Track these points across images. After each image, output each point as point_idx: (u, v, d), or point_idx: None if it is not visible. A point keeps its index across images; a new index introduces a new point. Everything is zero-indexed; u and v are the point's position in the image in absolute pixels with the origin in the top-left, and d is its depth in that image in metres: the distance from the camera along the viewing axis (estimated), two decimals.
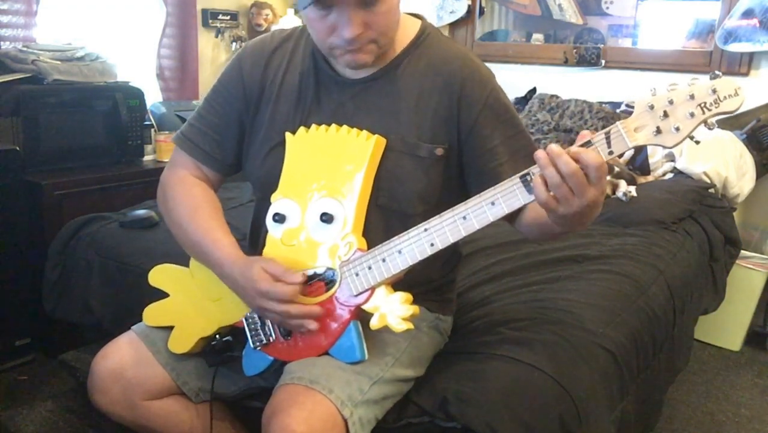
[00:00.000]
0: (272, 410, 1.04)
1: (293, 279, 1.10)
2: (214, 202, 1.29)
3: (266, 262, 1.12)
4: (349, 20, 1.06)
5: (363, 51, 1.11)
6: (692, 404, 2.18)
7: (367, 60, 1.13)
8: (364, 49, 1.11)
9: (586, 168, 0.93)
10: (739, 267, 2.53)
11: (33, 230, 2.18)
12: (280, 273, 1.10)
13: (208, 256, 1.19)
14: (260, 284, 1.09)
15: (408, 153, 1.18)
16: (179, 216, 1.25)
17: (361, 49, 1.11)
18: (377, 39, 1.11)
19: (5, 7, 2.52)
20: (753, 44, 2.67)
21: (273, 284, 1.09)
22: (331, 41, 1.10)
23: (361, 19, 1.06)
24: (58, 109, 2.36)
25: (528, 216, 1.16)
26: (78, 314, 1.97)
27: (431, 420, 1.21)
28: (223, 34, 3.43)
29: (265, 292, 1.09)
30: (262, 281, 1.09)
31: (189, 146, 1.30)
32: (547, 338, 1.34)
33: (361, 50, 1.11)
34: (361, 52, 1.11)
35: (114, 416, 1.26)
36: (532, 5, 3.96)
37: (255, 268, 1.10)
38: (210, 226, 1.22)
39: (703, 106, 0.92)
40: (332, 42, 1.10)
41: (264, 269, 1.10)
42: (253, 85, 1.26)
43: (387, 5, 1.08)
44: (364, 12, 1.06)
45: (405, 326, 1.05)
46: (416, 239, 1.05)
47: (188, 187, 1.28)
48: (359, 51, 1.11)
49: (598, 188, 0.95)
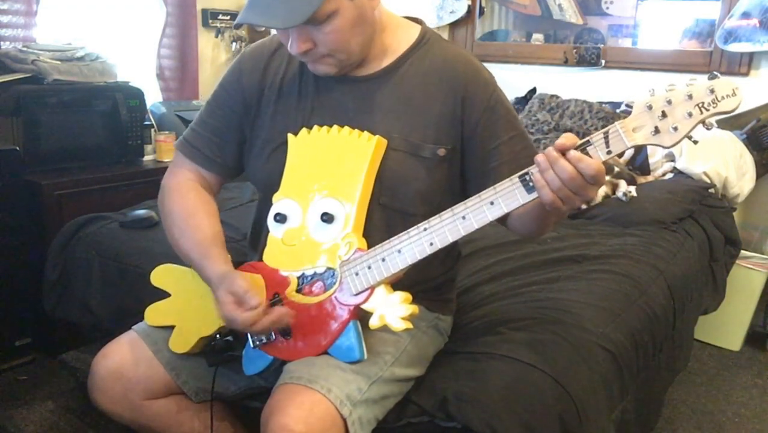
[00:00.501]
0: (271, 409, 1.05)
1: (252, 303, 1.10)
2: (209, 208, 1.29)
3: (231, 282, 1.12)
4: (291, 37, 1.10)
5: (321, 63, 1.14)
6: (692, 404, 2.18)
7: (328, 70, 1.16)
8: (321, 61, 1.14)
9: (584, 174, 0.95)
10: (739, 267, 2.53)
11: (33, 230, 2.18)
12: (241, 294, 1.10)
13: (198, 270, 1.21)
14: (225, 308, 1.11)
15: (411, 153, 1.18)
16: (172, 224, 1.26)
17: (318, 61, 1.14)
18: (332, 54, 1.12)
19: (5, 7, 2.52)
20: (753, 44, 2.67)
21: (235, 310, 1.10)
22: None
23: (306, 36, 1.09)
24: (58, 109, 2.37)
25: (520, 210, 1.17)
26: (78, 313, 1.97)
27: (431, 420, 1.21)
28: (223, 34, 3.43)
29: (228, 318, 1.11)
30: (226, 305, 1.11)
31: (190, 150, 1.31)
32: (547, 338, 1.34)
33: (318, 62, 1.14)
34: (319, 64, 1.14)
35: (114, 415, 1.26)
36: (532, 5, 3.96)
37: (221, 291, 1.12)
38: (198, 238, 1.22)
39: (701, 106, 0.93)
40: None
41: (228, 291, 1.11)
42: (252, 88, 1.27)
43: (333, 26, 1.08)
44: (311, 28, 1.08)
45: (404, 325, 1.05)
46: (416, 238, 1.05)
47: (184, 192, 1.29)
48: (317, 62, 1.14)
49: (598, 187, 0.98)
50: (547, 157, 0.96)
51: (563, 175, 0.95)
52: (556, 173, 0.96)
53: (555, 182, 0.96)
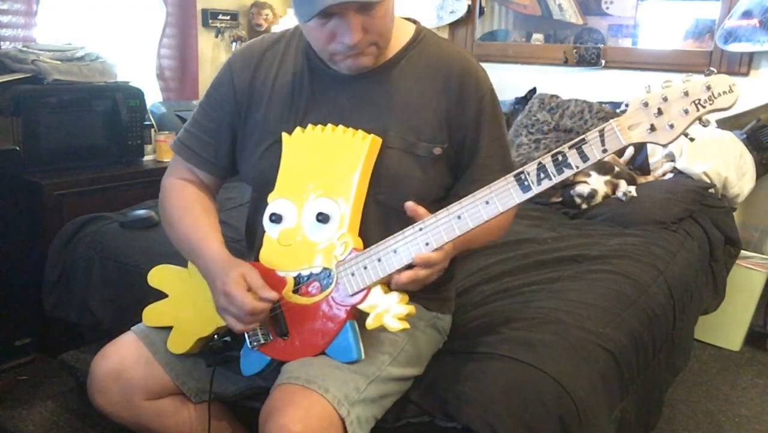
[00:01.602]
0: (269, 409, 1.05)
1: (268, 295, 1.10)
2: (206, 203, 1.30)
3: (250, 270, 1.13)
4: (350, 27, 1.06)
5: (364, 54, 1.13)
6: (692, 404, 2.18)
7: (368, 63, 1.14)
8: (365, 52, 1.12)
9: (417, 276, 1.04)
10: (739, 267, 2.53)
11: (33, 230, 2.18)
12: (255, 286, 1.10)
13: (194, 251, 1.20)
14: (230, 286, 1.10)
15: (407, 151, 1.18)
16: (170, 215, 1.27)
17: (363, 53, 1.12)
18: (377, 41, 1.12)
19: (5, 7, 2.52)
20: (753, 44, 2.66)
21: (241, 291, 1.09)
22: (332, 48, 1.11)
23: (360, 24, 1.07)
24: (58, 109, 2.36)
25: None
26: (78, 314, 1.97)
27: (431, 420, 1.21)
28: (223, 34, 3.43)
29: (228, 293, 1.10)
30: (234, 285, 1.10)
31: (185, 152, 1.31)
32: (547, 338, 1.34)
33: (362, 54, 1.12)
34: (362, 56, 1.13)
35: (113, 416, 1.26)
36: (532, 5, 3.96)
37: (236, 271, 1.12)
38: (198, 222, 1.23)
39: (698, 103, 0.92)
40: (333, 48, 1.11)
41: (244, 276, 1.11)
42: (243, 88, 1.27)
43: (384, 8, 1.09)
44: (363, 17, 1.07)
45: (401, 325, 1.05)
46: (411, 238, 1.05)
47: (181, 188, 1.30)
48: (360, 55, 1.12)
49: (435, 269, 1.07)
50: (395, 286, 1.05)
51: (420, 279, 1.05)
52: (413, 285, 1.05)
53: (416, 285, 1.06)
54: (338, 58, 1.13)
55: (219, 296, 1.13)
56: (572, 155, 0.98)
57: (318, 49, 1.16)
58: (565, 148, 0.98)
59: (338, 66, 1.16)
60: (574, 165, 0.98)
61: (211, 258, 1.17)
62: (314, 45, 1.16)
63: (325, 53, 1.14)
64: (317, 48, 1.15)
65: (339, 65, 1.15)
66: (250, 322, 1.12)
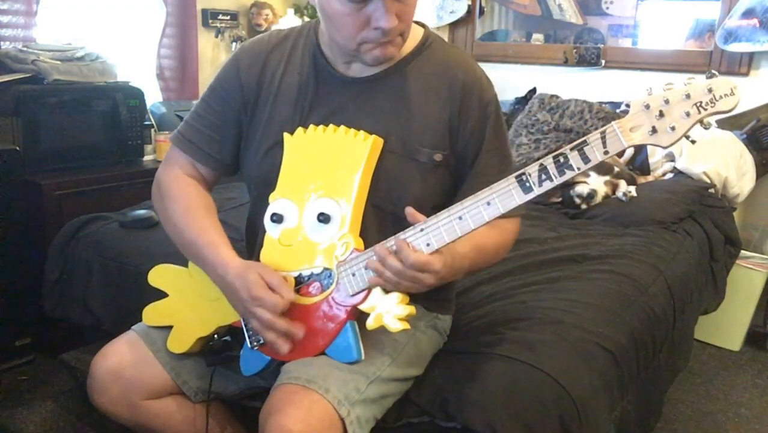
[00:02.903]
0: (269, 409, 1.05)
1: (288, 293, 1.10)
2: (209, 203, 1.29)
3: (264, 269, 1.12)
4: (388, 10, 1.06)
5: (392, 44, 1.12)
6: (692, 404, 2.18)
7: (394, 53, 1.14)
8: (394, 41, 1.12)
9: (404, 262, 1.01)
10: (739, 267, 2.53)
11: (33, 230, 2.18)
12: (276, 284, 1.10)
13: (202, 257, 1.19)
14: (255, 289, 1.09)
15: (408, 156, 1.18)
16: (174, 214, 1.25)
17: (392, 42, 1.11)
18: (404, 31, 1.13)
19: (5, 7, 2.52)
20: (753, 44, 2.66)
21: (268, 291, 1.09)
22: (363, 35, 1.10)
23: (395, 10, 1.07)
24: (58, 109, 2.36)
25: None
26: (78, 314, 1.97)
27: (431, 420, 1.21)
28: (223, 34, 3.43)
29: (257, 297, 1.09)
30: (257, 287, 1.09)
31: (187, 146, 1.30)
32: (547, 338, 1.34)
33: (391, 43, 1.11)
34: (390, 45, 1.12)
35: (114, 415, 1.26)
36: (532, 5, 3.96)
37: (252, 273, 1.11)
38: (204, 226, 1.22)
39: (699, 106, 0.92)
40: (364, 36, 1.10)
41: (261, 276, 1.10)
42: (250, 85, 1.26)
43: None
44: (398, 3, 1.07)
45: (401, 326, 1.05)
46: (412, 239, 1.05)
47: (183, 186, 1.28)
48: (389, 44, 1.11)
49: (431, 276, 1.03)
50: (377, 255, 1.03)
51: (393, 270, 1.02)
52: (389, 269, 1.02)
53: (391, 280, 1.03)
54: (367, 48, 1.11)
55: (245, 302, 1.10)
56: (574, 157, 0.98)
57: (346, 38, 1.12)
58: (566, 150, 0.98)
59: (364, 57, 1.13)
60: (576, 166, 0.98)
61: (222, 264, 1.15)
62: (343, 33, 1.12)
63: (353, 42, 1.11)
64: (346, 36, 1.12)
65: (366, 56, 1.13)
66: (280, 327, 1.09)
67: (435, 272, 1.03)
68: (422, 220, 1.04)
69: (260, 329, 1.11)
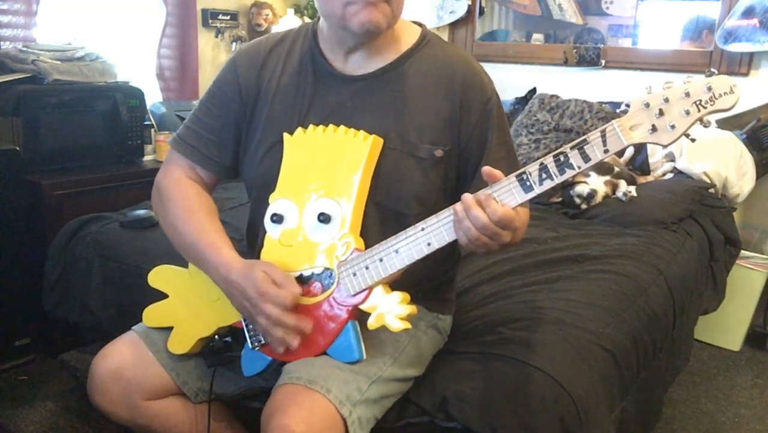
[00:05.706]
0: (271, 410, 1.05)
1: (295, 288, 1.10)
2: (210, 205, 1.29)
3: (268, 266, 1.12)
4: None
5: (378, 9, 1.10)
6: (692, 404, 2.18)
7: (380, 21, 1.11)
8: (379, 6, 1.10)
9: (491, 218, 0.99)
10: (739, 267, 2.53)
11: (33, 230, 2.18)
12: (281, 280, 1.09)
13: (203, 258, 1.18)
14: (263, 286, 1.08)
15: (408, 153, 1.18)
16: (174, 217, 1.25)
17: (377, 6, 1.10)
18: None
19: (5, 7, 2.52)
20: (753, 44, 2.66)
21: (274, 287, 1.08)
22: None
23: None
24: (58, 109, 2.36)
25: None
26: (78, 314, 1.97)
27: (431, 420, 1.21)
28: (223, 34, 3.43)
29: (265, 292, 1.08)
30: (264, 283, 1.08)
31: (187, 149, 1.30)
32: (547, 338, 1.34)
33: (376, 7, 1.09)
34: (375, 9, 1.10)
35: (114, 416, 1.26)
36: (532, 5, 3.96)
37: (258, 270, 1.10)
38: (205, 228, 1.21)
39: (699, 104, 0.92)
40: None
41: (266, 273, 1.10)
42: (249, 87, 1.26)
43: None
44: None
45: (402, 325, 1.05)
46: (413, 238, 1.05)
47: (183, 188, 1.28)
48: (374, 7, 1.09)
49: (510, 232, 1.02)
50: (463, 205, 1.01)
51: (477, 222, 0.99)
52: (471, 221, 1.00)
53: (471, 232, 1.01)
54: (352, 11, 1.10)
55: (251, 299, 1.10)
56: (574, 156, 0.98)
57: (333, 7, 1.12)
58: (566, 149, 0.99)
59: (351, 24, 1.12)
60: (576, 165, 0.98)
61: (225, 265, 1.14)
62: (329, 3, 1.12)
63: (338, 8, 1.11)
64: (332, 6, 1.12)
65: (352, 21, 1.11)
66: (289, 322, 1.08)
67: (514, 229, 1.02)
68: (498, 176, 1.02)
69: (268, 326, 1.10)
